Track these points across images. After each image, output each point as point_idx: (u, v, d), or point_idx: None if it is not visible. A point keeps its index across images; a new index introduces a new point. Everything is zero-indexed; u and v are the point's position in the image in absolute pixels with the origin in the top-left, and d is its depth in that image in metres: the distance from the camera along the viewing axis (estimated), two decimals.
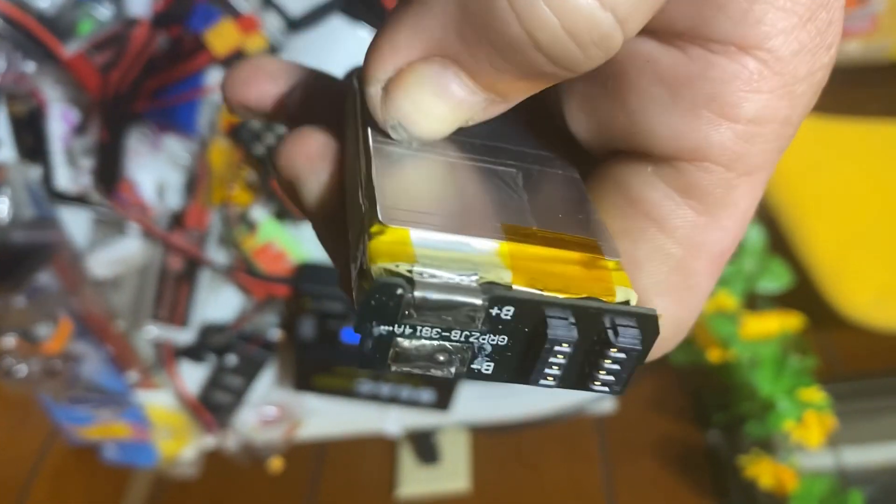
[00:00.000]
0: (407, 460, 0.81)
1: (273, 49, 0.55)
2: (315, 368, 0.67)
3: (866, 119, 0.85)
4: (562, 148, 0.16)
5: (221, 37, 0.53)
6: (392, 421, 0.75)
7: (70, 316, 0.64)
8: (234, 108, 0.18)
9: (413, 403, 0.70)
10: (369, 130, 0.14)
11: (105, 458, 0.75)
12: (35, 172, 0.60)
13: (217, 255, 0.62)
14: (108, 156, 0.58)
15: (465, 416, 0.75)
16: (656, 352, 0.15)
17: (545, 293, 0.12)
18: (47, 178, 0.60)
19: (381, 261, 0.12)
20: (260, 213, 0.60)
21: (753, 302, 0.76)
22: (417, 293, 0.11)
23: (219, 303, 0.65)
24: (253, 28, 0.54)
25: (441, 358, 0.12)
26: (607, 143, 0.15)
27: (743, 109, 0.13)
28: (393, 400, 0.70)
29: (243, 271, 0.62)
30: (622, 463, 0.79)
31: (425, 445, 0.80)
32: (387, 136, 0.14)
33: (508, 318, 0.12)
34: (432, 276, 0.12)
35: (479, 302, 0.12)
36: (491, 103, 0.14)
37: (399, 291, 0.11)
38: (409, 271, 0.12)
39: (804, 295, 0.76)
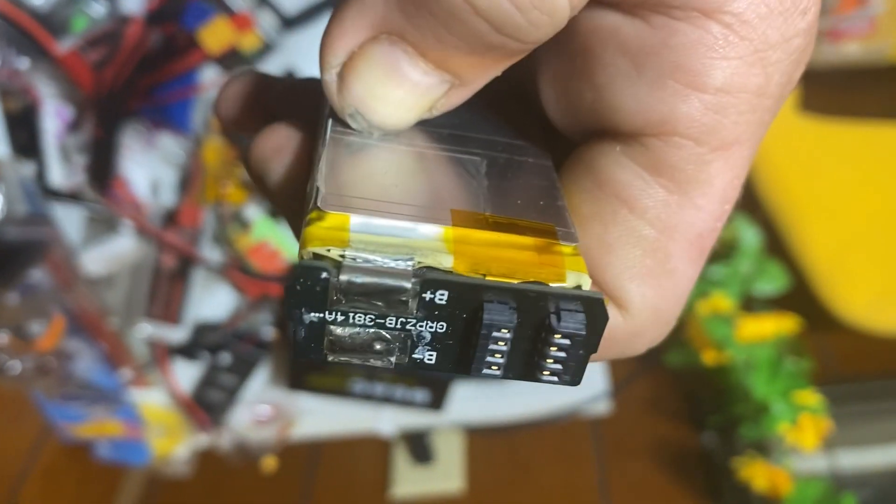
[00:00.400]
0: (401, 460, 0.81)
1: (267, 47, 0.55)
2: (309, 367, 0.67)
3: (865, 121, 0.85)
4: (541, 136, 0.16)
5: (215, 35, 0.53)
6: (386, 421, 0.75)
7: (63, 313, 0.64)
8: (228, 127, 0.18)
9: (407, 403, 0.70)
10: (330, 121, 0.14)
11: (98, 457, 0.75)
12: (29, 169, 0.60)
13: (211, 253, 0.62)
14: (102, 153, 0.58)
15: (459, 416, 0.74)
16: (638, 345, 0.15)
17: (482, 277, 0.12)
18: (41, 175, 0.60)
19: (312, 245, 0.11)
20: (254, 212, 0.60)
21: (749, 304, 0.76)
22: (343, 277, 0.11)
23: (212, 301, 0.65)
24: (247, 26, 0.53)
25: (378, 347, 0.12)
26: (579, 123, 0.15)
27: (710, 77, 0.12)
28: (387, 399, 0.70)
29: (237, 270, 0.62)
30: (617, 464, 0.79)
31: (419, 445, 0.80)
32: (348, 126, 0.14)
33: (443, 303, 0.12)
34: (365, 260, 0.11)
35: (407, 286, 0.11)
36: (451, 88, 0.13)
37: (323, 275, 0.11)
38: (341, 255, 0.11)
39: (800, 297, 0.76)
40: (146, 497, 0.78)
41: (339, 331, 0.12)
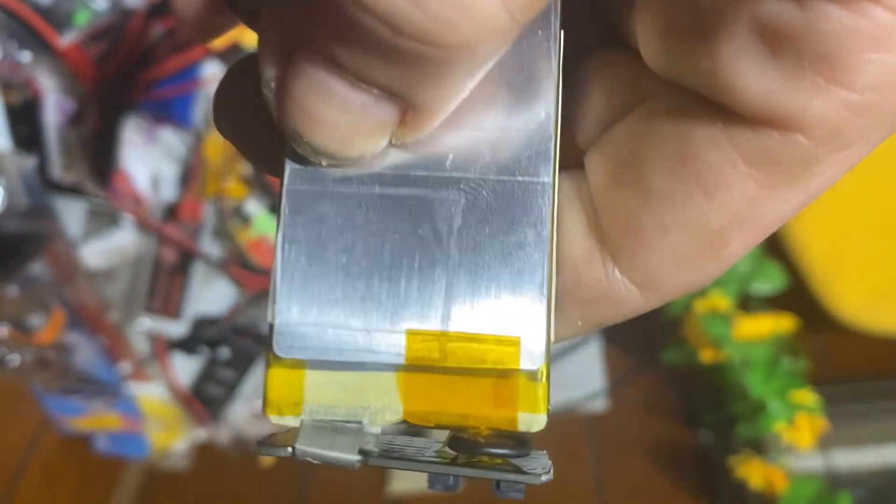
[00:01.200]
0: None
1: None
2: None
3: None
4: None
5: None
6: None
7: (63, 306, 0.64)
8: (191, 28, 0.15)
9: None
10: (288, 155, 0.13)
11: (96, 449, 0.75)
12: (30, 162, 0.60)
13: (211, 247, 0.62)
14: (104, 147, 0.58)
15: None
16: (647, 310, 0.14)
17: (415, 460, 0.13)
18: (42, 168, 0.60)
19: (270, 412, 0.13)
20: (254, 207, 0.60)
21: (747, 303, 0.76)
22: (298, 454, 0.13)
23: (212, 296, 0.65)
24: None
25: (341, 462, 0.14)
26: (681, 82, 0.12)
27: (862, 75, 0.10)
28: None
29: (237, 264, 0.63)
30: (613, 462, 0.79)
31: None
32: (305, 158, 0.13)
33: (390, 465, 0.13)
34: (317, 422, 0.13)
35: (355, 461, 0.13)
36: (408, 112, 0.11)
37: (281, 454, 0.13)
38: (296, 427, 0.13)
39: (797, 297, 0.76)
40: (144, 490, 0.79)
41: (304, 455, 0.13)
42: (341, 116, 0.11)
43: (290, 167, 0.13)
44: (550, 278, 0.13)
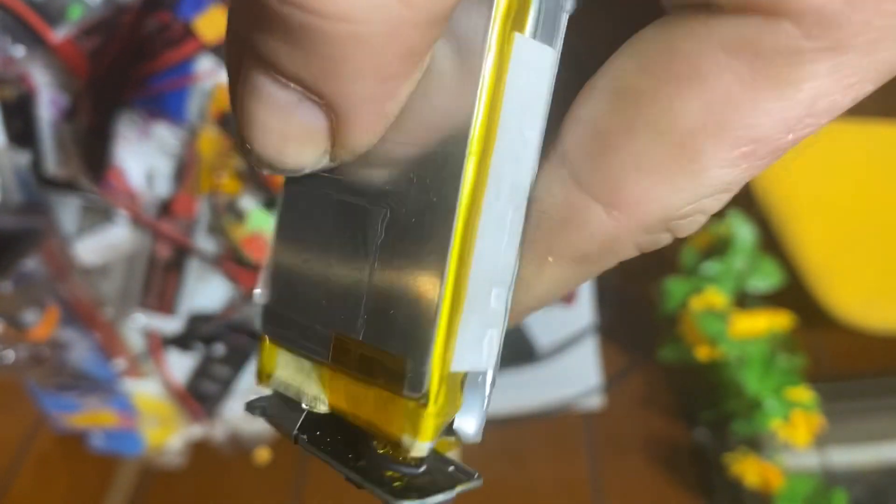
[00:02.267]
0: None
1: None
2: None
3: (861, 119, 0.85)
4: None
5: (211, 24, 0.53)
6: None
7: (57, 302, 0.64)
8: None
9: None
10: None
11: (91, 446, 0.75)
12: (24, 158, 0.60)
13: (205, 243, 0.62)
14: (98, 142, 0.58)
15: None
16: (627, 248, 0.13)
17: (330, 454, 0.14)
18: (36, 164, 0.60)
19: (257, 378, 0.15)
20: (248, 202, 0.60)
21: (743, 300, 0.76)
22: (265, 419, 0.15)
23: (207, 292, 0.65)
24: None
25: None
26: None
27: None
28: None
29: (231, 260, 0.62)
30: (609, 459, 0.79)
31: None
32: None
33: (312, 453, 0.15)
34: (282, 395, 0.15)
35: (291, 438, 0.15)
36: (336, 123, 0.11)
37: (256, 415, 0.15)
38: (265, 394, 0.15)
39: (794, 294, 0.76)
40: (139, 487, 0.79)
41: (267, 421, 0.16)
42: (271, 118, 0.11)
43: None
44: (455, 301, 0.12)
